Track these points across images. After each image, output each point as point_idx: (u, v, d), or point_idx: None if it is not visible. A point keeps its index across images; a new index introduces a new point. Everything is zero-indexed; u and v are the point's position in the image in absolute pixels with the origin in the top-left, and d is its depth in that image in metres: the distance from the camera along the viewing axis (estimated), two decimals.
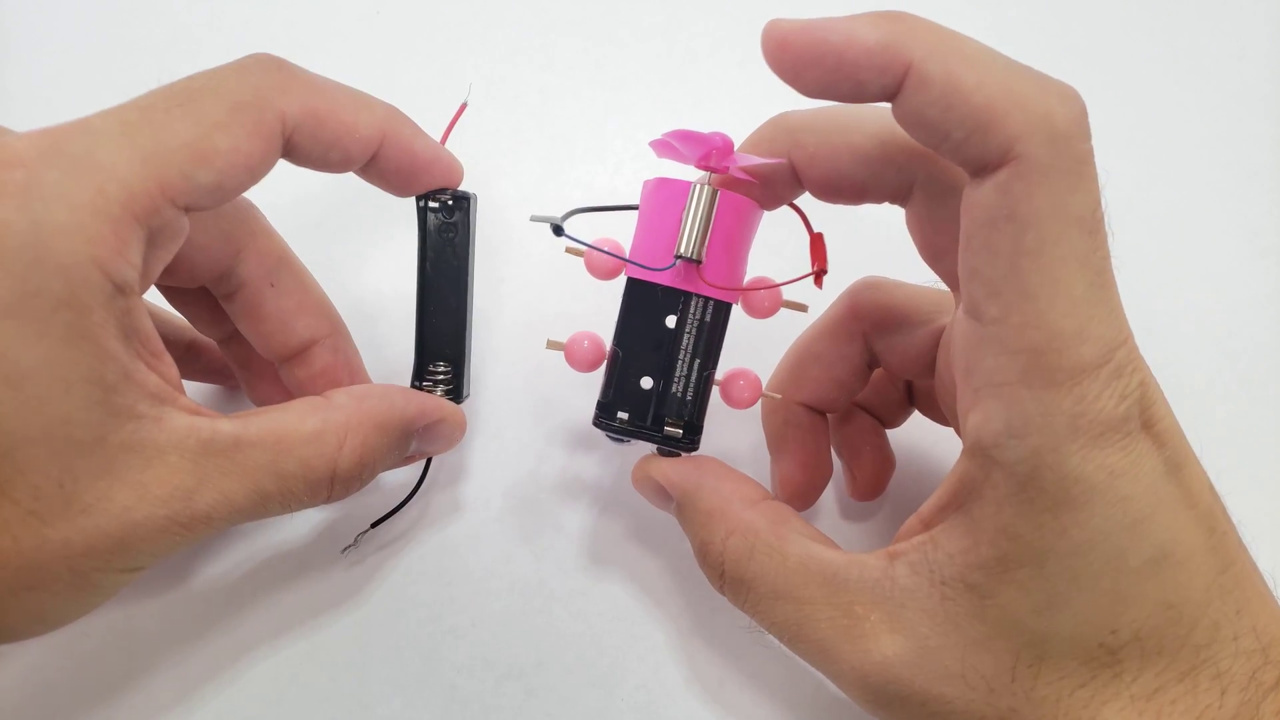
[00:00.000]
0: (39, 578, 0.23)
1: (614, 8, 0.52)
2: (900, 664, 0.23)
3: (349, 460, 0.28)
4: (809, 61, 0.23)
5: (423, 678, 0.32)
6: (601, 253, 0.30)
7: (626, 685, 0.32)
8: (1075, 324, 0.22)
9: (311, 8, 0.52)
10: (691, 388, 0.30)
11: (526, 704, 0.31)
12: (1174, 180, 0.46)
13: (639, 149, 0.46)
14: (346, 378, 0.33)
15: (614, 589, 0.34)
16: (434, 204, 0.32)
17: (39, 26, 0.50)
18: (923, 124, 0.23)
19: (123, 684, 0.31)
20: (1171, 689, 0.22)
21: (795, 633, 0.26)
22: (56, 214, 0.22)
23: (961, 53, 0.22)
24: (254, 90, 0.26)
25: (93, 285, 0.23)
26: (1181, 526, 0.22)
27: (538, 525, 0.35)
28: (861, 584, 0.25)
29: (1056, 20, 0.52)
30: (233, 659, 0.32)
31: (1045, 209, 0.21)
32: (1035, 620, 0.22)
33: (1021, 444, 0.22)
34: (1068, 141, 0.22)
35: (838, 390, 0.33)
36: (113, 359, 0.23)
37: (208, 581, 0.33)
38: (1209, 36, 0.51)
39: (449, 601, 0.33)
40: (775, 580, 0.26)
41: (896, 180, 0.28)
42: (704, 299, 0.30)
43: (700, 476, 0.29)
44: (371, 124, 0.29)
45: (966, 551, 0.23)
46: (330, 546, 0.34)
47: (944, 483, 0.25)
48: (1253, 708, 0.22)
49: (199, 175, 0.25)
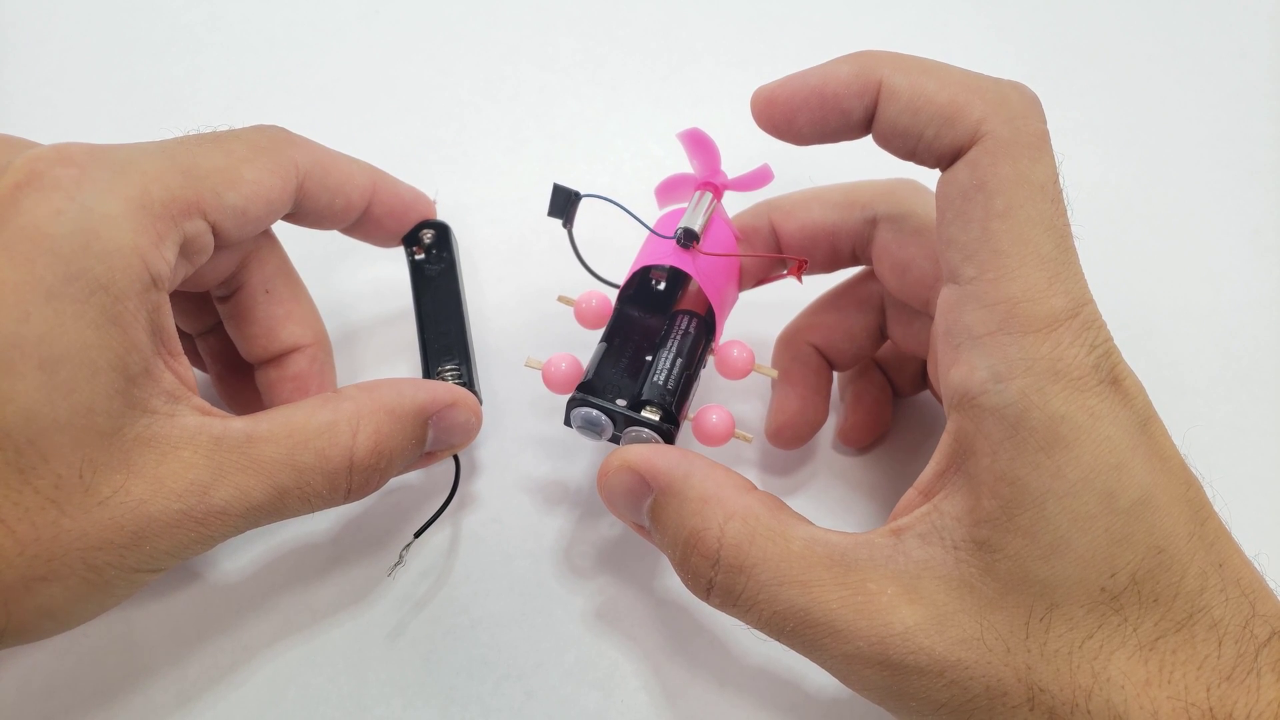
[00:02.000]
0: (53, 569, 0.23)
1: (614, 8, 0.52)
2: (922, 633, 0.23)
3: (364, 448, 0.28)
4: (798, 106, 0.27)
5: (422, 679, 0.32)
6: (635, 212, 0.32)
7: (627, 686, 0.32)
8: (1045, 277, 0.24)
9: (311, 8, 0.52)
10: (673, 379, 0.30)
11: (526, 705, 0.31)
12: (1174, 180, 0.46)
13: (639, 148, 0.46)
14: (316, 388, 0.33)
15: (613, 589, 0.34)
16: (420, 254, 0.37)
17: (39, 26, 0.50)
18: (897, 133, 0.26)
19: (122, 685, 0.31)
20: (1171, 637, 0.22)
21: (801, 619, 0.25)
22: (107, 204, 0.25)
23: (921, 66, 0.26)
24: (270, 139, 0.30)
25: (132, 273, 0.24)
26: (1158, 475, 0.23)
27: (537, 525, 0.35)
28: (873, 562, 0.24)
29: (1056, 20, 0.51)
30: (232, 660, 0.32)
31: (1010, 176, 0.24)
32: (1042, 567, 0.23)
33: (1008, 386, 0.23)
34: (1025, 120, 0.25)
35: (848, 341, 0.35)
36: (138, 350, 0.25)
37: (207, 583, 0.33)
38: (1209, 36, 0.51)
39: (448, 602, 0.33)
40: (779, 565, 0.25)
41: (861, 218, 0.32)
42: (689, 316, 0.32)
43: (689, 464, 0.27)
44: (365, 174, 0.33)
45: (971, 510, 0.24)
46: (330, 548, 0.34)
47: (938, 450, 0.25)
48: (1250, 659, 0.22)
49: (228, 196, 0.28)
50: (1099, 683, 0.22)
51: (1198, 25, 0.52)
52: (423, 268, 0.36)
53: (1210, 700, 0.22)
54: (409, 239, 0.36)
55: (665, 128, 0.49)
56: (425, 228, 0.36)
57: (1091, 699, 0.22)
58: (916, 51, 0.26)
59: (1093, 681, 0.22)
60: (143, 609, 0.32)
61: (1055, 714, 0.22)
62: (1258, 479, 0.37)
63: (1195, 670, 0.22)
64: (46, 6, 0.51)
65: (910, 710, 0.24)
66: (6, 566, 0.23)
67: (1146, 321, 0.24)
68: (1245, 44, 0.51)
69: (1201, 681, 0.22)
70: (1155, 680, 0.22)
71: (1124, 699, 0.22)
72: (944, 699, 0.23)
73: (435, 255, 0.37)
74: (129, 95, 0.47)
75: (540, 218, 0.43)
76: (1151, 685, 0.22)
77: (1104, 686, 0.22)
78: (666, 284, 0.33)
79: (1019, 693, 0.23)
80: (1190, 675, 0.22)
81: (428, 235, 0.36)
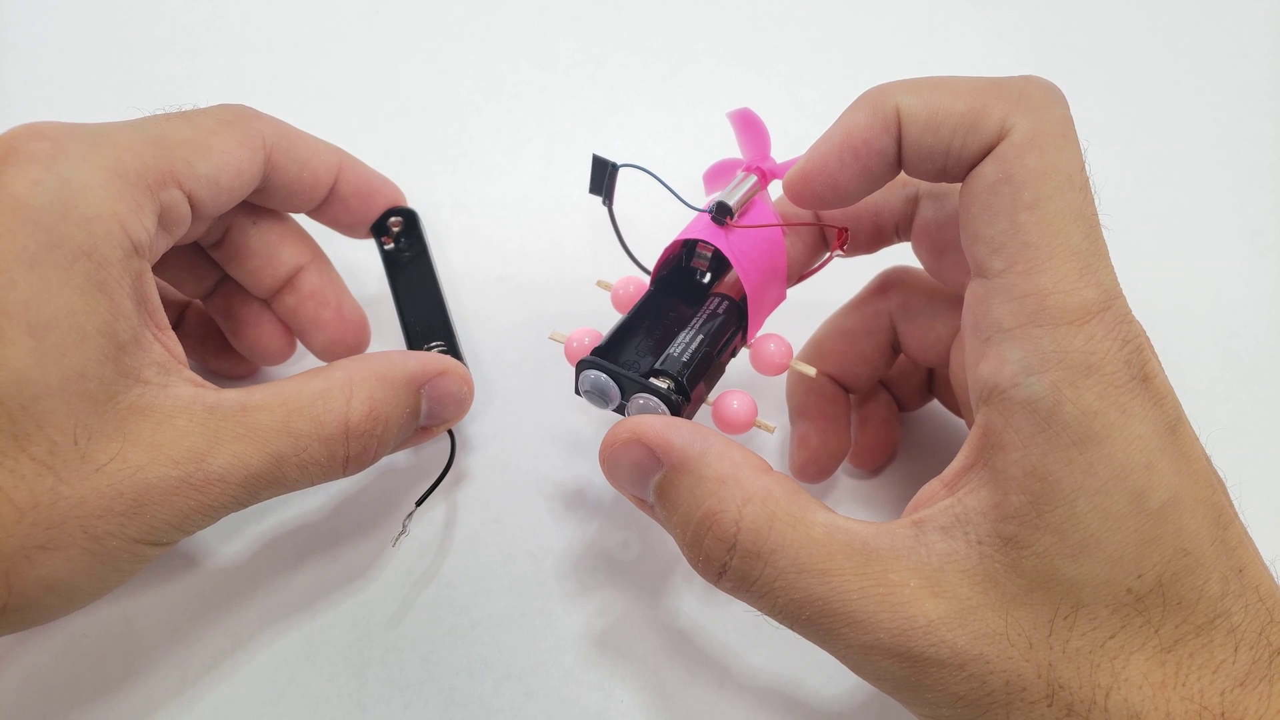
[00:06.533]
0: (53, 537, 0.23)
1: (614, 8, 0.52)
2: (945, 626, 0.23)
3: (359, 413, 0.28)
4: (834, 171, 0.26)
5: (422, 679, 0.32)
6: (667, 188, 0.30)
7: (626, 687, 0.32)
8: (1076, 268, 0.23)
9: (311, 8, 0.52)
10: (689, 353, 0.28)
11: (526, 705, 0.31)
12: (1174, 180, 0.46)
13: (639, 148, 0.46)
14: (334, 298, 0.35)
15: (613, 589, 0.34)
16: (389, 244, 0.37)
17: (39, 26, 0.50)
18: (923, 154, 0.25)
19: (121, 685, 0.31)
20: (1189, 641, 0.22)
21: (819, 608, 0.24)
22: (82, 174, 0.25)
23: (931, 84, 0.25)
24: (235, 114, 0.31)
25: (113, 239, 0.25)
26: (1186, 477, 0.23)
27: (537, 525, 0.35)
28: (894, 553, 0.24)
29: (1057, 20, 0.51)
30: (231, 660, 0.32)
31: (1038, 167, 0.23)
32: (1070, 566, 0.22)
33: (1041, 379, 0.23)
34: (1047, 108, 0.24)
35: (861, 365, 0.34)
36: (125, 316, 0.25)
37: (206, 583, 0.33)
38: (1210, 35, 0.51)
39: (448, 602, 0.33)
40: (798, 552, 0.24)
41: (904, 195, 0.31)
42: (723, 299, 0.30)
43: (705, 441, 0.26)
44: (331, 152, 0.34)
45: (998, 505, 0.23)
46: (329, 548, 0.34)
47: (965, 444, 0.25)
48: (1264, 665, 0.22)
49: (199, 165, 0.28)
50: (1118, 682, 0.22)
51: (1198, 25, 0.52)
52: (395, 256, 0.37)
53: (1224, 704, 0.22)
54: (377, 228, 0.37)
55: (665, 128, 0.49)
56: (393, 215, 0.37)
57: (1110, 698, 0.22)
58: (916, 52, 0.26)
59: (1112, 681, 0.22)
60: (142, 610, 0.32)
61: (1074, 711, 0.22)
62: (1258, 479, 0.37)
63: (1211, 674, 0.22)
64: (46, 6, 0.51)
65: (926, 702, 0.24)
66: (6, 535, 0.23)
67: (1146, 321, 0.24)
68: (1245, 44, 0.51)
69: (1216, 686, 0.22)
70: (1171, 682, 0.22)
71: (1141, 699, 0.22)
72: (962, 692, 0.23)
73: (405, 243, 0.37)
74: (129, 95, 0.47)
75: (540, 218, 0.44)
76: (1167, 687, 0.22)
77: (1123, 686, 0.22)
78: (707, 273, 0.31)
79: (1038, 688, 0.23)
80: (1205, 679, 0.22)
81: (395, 225, 0.37)
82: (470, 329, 0.40)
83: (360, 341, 0.36)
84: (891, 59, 0.50)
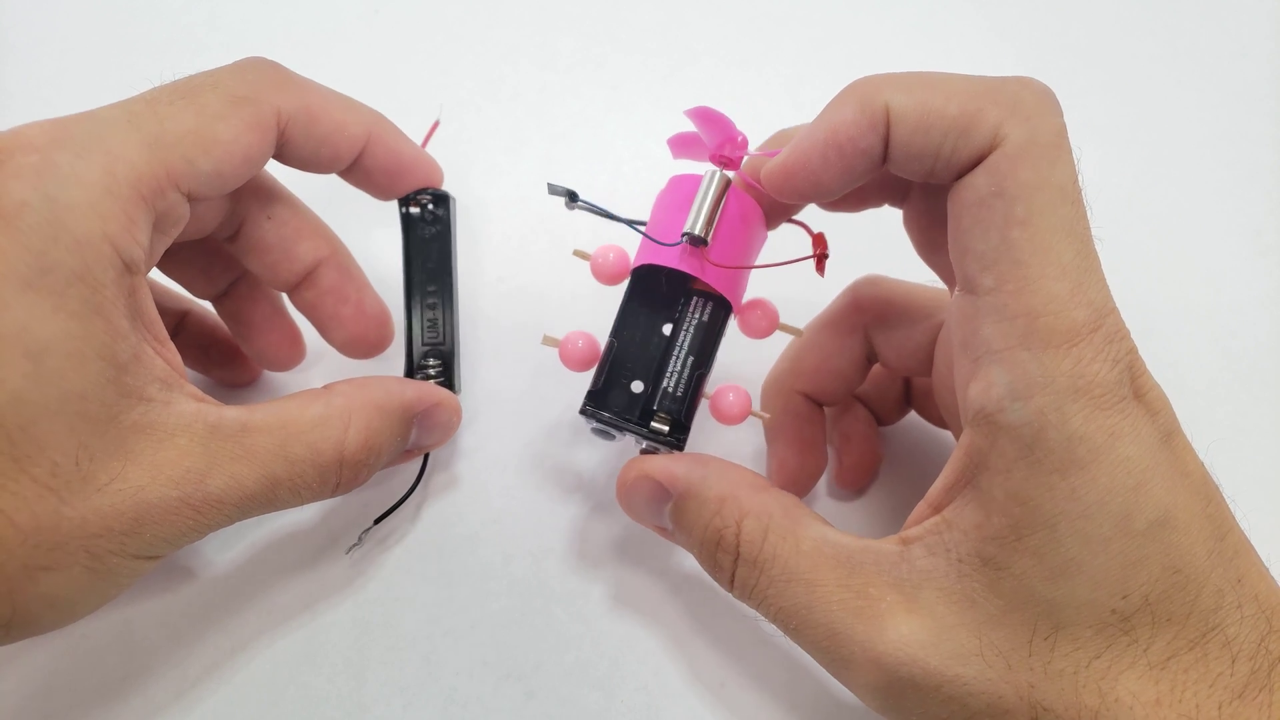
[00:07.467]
0: (55, 558, 0.23)
1: (614, 8, 0.52)
2: (916, 644, 0.23)
3: (355, 443, 0.28)
4: (816, 166, 0.25)
5: (422, 679, 0.32)
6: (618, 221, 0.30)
7: (627, 687, 0.32)
8: (1067, 288, 0.23)
9: (311, 7, 0.52)
10: (683, 384, 0.30)
11: (526, 706, 0.31)
12: (1174, 180, 0.46)
13: (639, 148, 0.46)
14: (354, 294, 0.34)
15: (613, 590, 0.33)
16: (415, 208, 0.34)
17: (39, 26, 0.50)
18: (912, 156, 0.24)
19: (121, 686, 0.31)
20: (1184, 656, 0.22)
21: (805, 617, 0.25)
22: (70, 192, 0.24)
23: (923, 81, 0.24)
24: (251, 87, 0.28)
25: (105, 261, 0.24)
26: (1179, 492, 0.23)
27: (536, 526, 0.35)
28: (878, 567, 0.24)
29: (1057, 20, 0.51)
30: (231, 661, 0.32)
31: (1030, 181, 0.23)
32: (1050, 588, 0.22)
33: (1026, 405, 0.22)
34: (1041, 117, 0.23)
35: (836, 381, 0.34)
36: (123, 337, 0.24)
37: (206, 584, 0.33)
38: (1210, 36, 0.51)
39: (448, 603, 0.33)
40: (788, 562, 0.25)
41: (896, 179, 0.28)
42: (704, 298, 0.30)
43: (705, 467, 0.28)
44: (359, 124, 0.31)
45: (980, 525, 0.23)
46: (329, 549, 0.34)
47: (949, 462, 0.25)
48: (1263, 676, 0.22)
49: (200, 162, 0.27)
50: (1106, 703, 0.22)
51: (1198, 25, 0.52)
52: (415, 224, 0.34)
53: (1222, 718, 0.22)
54: (405, 198, 0.34)
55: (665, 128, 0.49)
56: (425, 194, 0.34)
57: (1098, 719, 0.22)
58: (916, 52, 0.26)
59: (1100, 702, 0.22)
60: (141, 611, 0.32)
61: None
62: (1258, 480, 0.37)
63: (1207, 689, 0.22)
64: (46, 6, 0.51)
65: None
66: (9, 556, 0.23)
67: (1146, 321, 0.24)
68: (1245, 44, 0.51)
69: (1213, 699, 0.22)
70: (1166, 700, 0.22)
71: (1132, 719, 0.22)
72: (943, 714, 0.23)
73: (430, 214, 0.35)
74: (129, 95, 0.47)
75: (540, 218, 0.44)
76: (1162, 705, 0.22)
77: (1111, 707, 0.22)
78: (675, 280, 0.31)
79: (1021, 711, 0.22)
80: (1202, 694, 0.22)
81: (426, 199, 0.35)
82: (470, 329, 0.40)
83: (382, 338, 0.35)
84: (891, 59, 0.50)
